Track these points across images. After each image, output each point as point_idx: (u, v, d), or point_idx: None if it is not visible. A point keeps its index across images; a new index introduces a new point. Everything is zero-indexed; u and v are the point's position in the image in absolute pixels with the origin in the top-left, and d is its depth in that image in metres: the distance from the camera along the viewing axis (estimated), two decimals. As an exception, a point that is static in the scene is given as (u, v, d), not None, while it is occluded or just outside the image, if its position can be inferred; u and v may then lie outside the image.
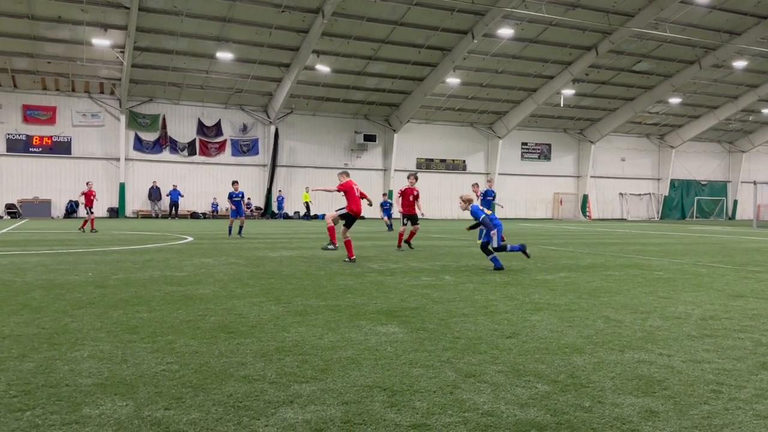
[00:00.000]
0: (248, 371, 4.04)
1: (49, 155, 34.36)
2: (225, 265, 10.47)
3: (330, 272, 9.61)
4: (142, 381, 3.80)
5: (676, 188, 51.19)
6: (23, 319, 5.63)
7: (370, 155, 41.92)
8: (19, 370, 4.00)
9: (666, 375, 4.09)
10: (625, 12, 31.76)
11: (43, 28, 28.88)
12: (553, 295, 7.45)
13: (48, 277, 8.54)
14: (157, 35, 30.23)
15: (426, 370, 4.14)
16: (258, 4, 28.72)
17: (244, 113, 38.50)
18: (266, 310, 6.27)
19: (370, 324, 5.62)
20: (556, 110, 42.88)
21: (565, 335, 5.25)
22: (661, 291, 7.97)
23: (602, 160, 48.48)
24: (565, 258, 12.65)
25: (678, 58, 37.56)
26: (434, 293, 7.54)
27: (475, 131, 44.72)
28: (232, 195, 18.98)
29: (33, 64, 31.82)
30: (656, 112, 45.62)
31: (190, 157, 37.34)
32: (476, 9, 30.14)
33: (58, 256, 11.64)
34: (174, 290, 7.52)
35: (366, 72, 35.69)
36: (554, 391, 3.71)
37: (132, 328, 5.33)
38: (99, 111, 35.16)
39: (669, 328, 5.64)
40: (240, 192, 19.20)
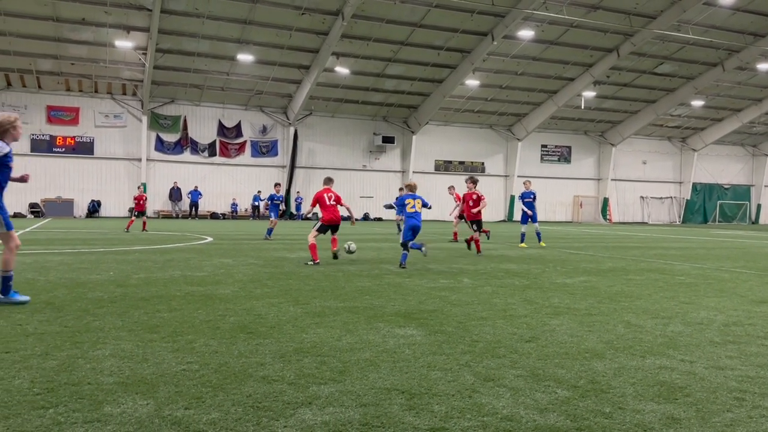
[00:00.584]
0: (267, 372, 4.06)
1: (72, 155, 34.87)
2: (244, 265, 10.53)
3: (348, 274, 9.62)
4: (162, 380, 3.84)
5: (698, 192, 50.50)
6: (46, 318, 5.72)
7: (389, 157, 41.94)
8: (43, 368, 4.06)
9: (688, 381, 4.04)
10: (647, 14, 31.44)
11: (68, 30, 29.34)
12: (573, 300, 7.39)
13: (70, 276, 8.67)
14: (178, 37, 30.56)
15: (444, 373, 4.12)
16: (279, 6, 28.90)
17: (263, 115, 38.74)
18: (285, 310, 6.30)
19: (388, 326, 5.62)
20: (577, 112, 42.56)
21: (585, 340, 5.21)
22: (683, 296, 7.87)
23: (623, 163, 48.00)
24: (585, 262, 12.54)
25: (701, 61, 37.08)
26: (452, 296, 7.51)
27: (494, 133, 44.53)
28: (274, 197, 19.00)
29: (57, 66, 32.33)
30: (678, 114, 45.07)
31: (210, 158, 37.68)
32: (496, 11, 30.03)
33: (80, 255, 11.80)
34: (194, 290, 7.58)
35: (385, 74, 35.73)
36: (574, 397, 3.68)
37: (153, 327, 5.39)
38: (121, 112, 35.62)
39: (691, 333, 5.56)
40: (281, 195, 19.33)
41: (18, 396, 3.50)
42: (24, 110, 33.84)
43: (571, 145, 47.00)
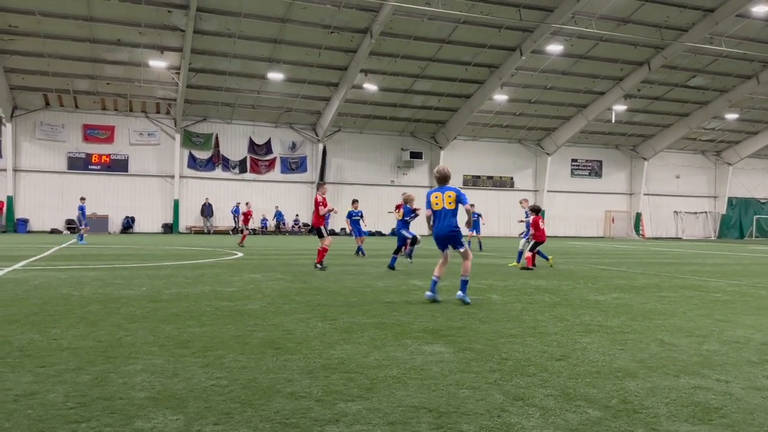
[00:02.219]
0: (295, 388, 4.08)
1: (107, 173, 35.69)
2: (273, 280, 10.61)
3: (375, 289, 9.62)
4: (192, 395, 3.88)
5: (733, 206, 49.36)
6: (80, 333, 5.83)
7: (417, 172, 41.98)
8: (76, 382, 4.13)
9: (724, 402, 3.93)
10: (679, 26, 31.07)
11: (103, 51, 30.18)
12: (605, 317, 7.26)
13: (104, 291, 8.83)
14: (210, 57, 31.19)
15: (473, 391, 4.08)
16: (308, 25, 29.32)
17: (293, 131, 39.19)
18: (312, 326, 6.32)
19: (416, 343, 5.59)
20: (608, 126, 42.10)
21: (618, 359, 5.11)
22: (719, 314, 7.67)
23: (656, 177, 47.23)
24: (618, 278, 12.33)
25: (734, 73, 36.43)
26: (480, 312, 7.45)
27: (523, 148, 44.27)
28: (352, 214, 18.58)
29: (93, 86, 33.23)
30: (712, 128, 44.26)
31: (241, 175, 38.20)
32: (525, 26, 30.01)
33: (113, 271, 12.03)
34: (224, 305, 7.66)
35: (413, 90, 35.89)
36: (606, 417, 3.61)
37: (183, 342, 5.45)
38: (155, 130, 36.39)
39: (727, 352, 5.42)
40: (359, 211, 18.57)
41: (52, 410, 3.57)
42: (61, 129, 34.85)
43: (602, 160, 46.45)
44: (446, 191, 8.08)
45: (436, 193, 8.12)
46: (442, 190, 8.11)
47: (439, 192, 8.10)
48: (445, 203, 8.00)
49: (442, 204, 7.98)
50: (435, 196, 8.09)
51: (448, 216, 8.00)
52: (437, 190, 8.14)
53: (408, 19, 29.20)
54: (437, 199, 8.04)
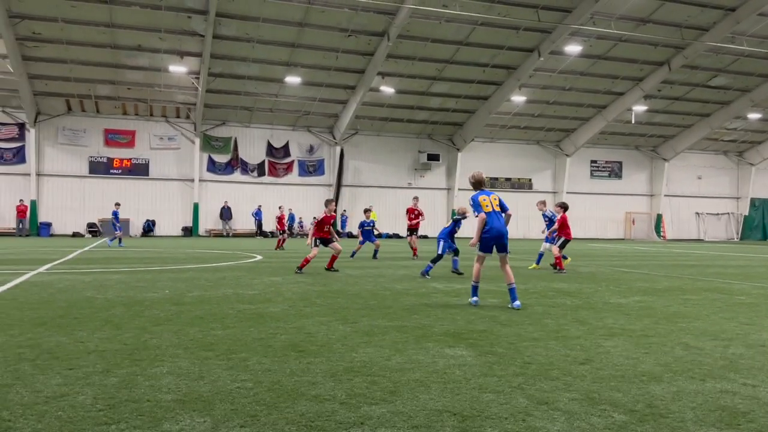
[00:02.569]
0: (319, 391, 4.10)
1: (128, 176, 36.12)
2: (293, 283, 10.67)
3: (395, 292, 9.63)
4: (218, 398, 3.92)
5: (756, 207, 48.60)
6: (106, 335, 5.92)
7: (434, 174, 41.93)
8: (104, 385, 4.20)
9: (751, 406, 3.89)
10: (699, 26, 30.72)
11: (124, 57, 30.58)
12: (628, 320, 7.21)
13: (128, 294, 8.95)
14: (229, 61, 31.46)
15: (497, 395, 4.08)
16: (325, 29, 29.46)
17: (310, 135, 39.36)
18: (334, 329, 6.34)
19: (438, 346, 5.60)
20: (627, 127, 41.71)
21: (642, 362, 5.07)
22: (743, 317, 7.57)
23: (677, 178, 46.69)
24: (640, 281, 12.21)
25: (757, 72, 35.91)
26: (502, 316, 7.43)
27: (542, 149, 44.02)
28: (364, 224, 19.08)
29: (114, 91, 33.67)
30: (734, 128, 43.65)
31: (259, 178, 38.45)
32: (543, 27, 29.86)
33: (136, 274, 12.18)
34: (246, 308, 7.72)
35: (430, 92, 35.87)
36: (632, 421, 3.59)
37: (208, 345, 5.51)
38: (175, 134, 36.78)
39: (753, 356, 5.35)
40: (371, 221, 19.08)
41: (82, 412, 3.63)
42: (83, 134, 35.35)
43: (622, 161, 46.03)
44: (490, 195, 8.30)
45: (483, 196, 8.21)
46: (486, 193, 8.26)
47: (485, 195, 8.22)
48: (494, 206, 8.17)
49: (492, 207, 8.13)
50: (483, 199, 8.17)
51: (500, 217, 8.20)
52: (483, 194, 8.23)
53: (425, 22, 29.20)
54: (486, 202, 8.15)
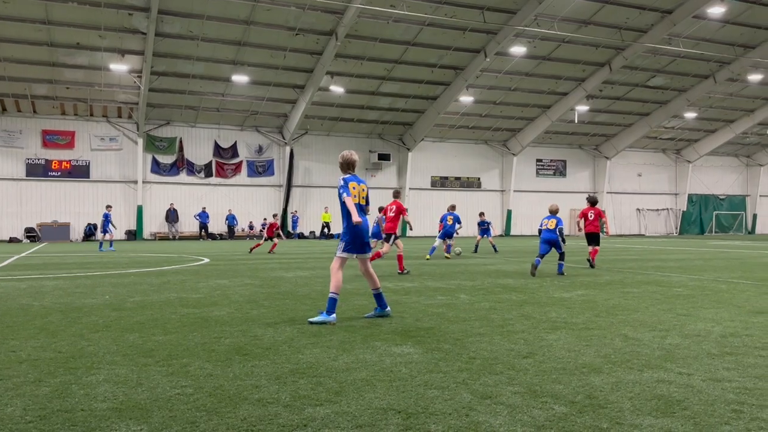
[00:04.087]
0: (262, 394, 4.03)
1: (68, 179, 34.85)
2: (240, 286, 10.50)
3: (345, 292, 9.59)
4: (156, 405, 3.80)
5: (694, 203, 50.66)
6: (40, 344, 5.68)
7: (385, 174, 42.03)
8: (36, 395, 4.02)
9: (686, 395, 4.02)
10: (638, 28, 31.75)
11: (62, 55, 29.49)
12: (571, 314, 7.37)
13: (65, 301, 8.62)
14: (173, 60, 30.73)
15: (441, 391, 4.09)
16: (273, 27, 29.12)
17: (259, 135, 38.86)
18: (281, 331, 6.26)
19: (385, 344, 5.59)
20: (571, 126, 42.77)
21: (583, 354, 5.18)
22: (681, 308, 7.85)
23: (618, 176, 48.17)
24: (583, 275, 12.53)
25: (692, 73, 37.39)
26: (449, 312, 7.49)
27: (490, 148, 44.70)
28: None
29: (52, 90, 32.44)
30: (672, 126, 45.34)
31: (206, 179, 37.70)
32: (488, 28, 30.30)
33: (76, 280, 11.75)
34: (190, 312, 7.54)
35: (380, 92, 35.93)
36: (572, 413, 3.66)
37: (148, 351, 5.35)
38: (117, 135, 35.69)
39: (689, 346, 5.55)
40: None
41: (10, 424, 3.46)
42: (19, 135, 33.92)
43: (566, 159, 47.18)
44: (361, 183, 7.35)
45: (354, 183, 7.21)
46: (357, 180, 7.24)
47: (356, 182, 7.20)
48: (360, 198, 7.24)
49: (359, 198, 7.20)
50: (354, 187, 7.19)
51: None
52: (354, 179, 7.20)
53: (373, 22, 29.23)
54: (356, 191, 7.18)
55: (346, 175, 7.19)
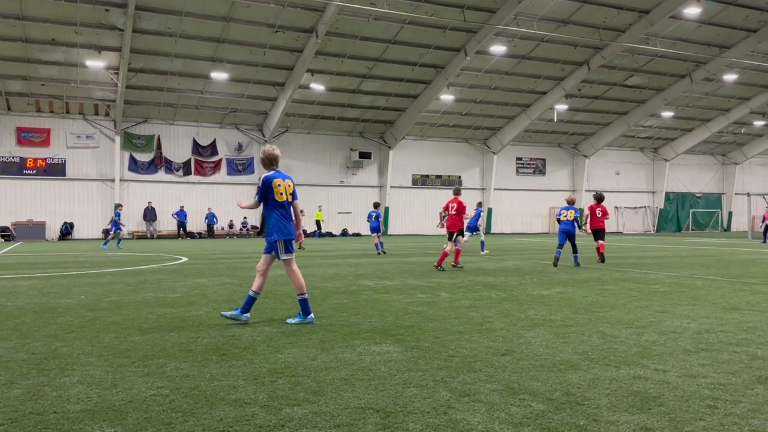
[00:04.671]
0: (239, 395, 3.99)
1: (44, 177, 34.29)
2: (219, 285, 10.41)
3: (325, 291, 9.56)
4: (131, 406, 3.75)
5: (671, 201, 51.35)
6: (12, 345, 5.57)
7: (366, 172, 41.98)
8: (7, 398, 3.94)
9: (661, 391, 4.06)
10: (616, 27, 32.08)
11: (37, 51, 28.99)
12: (549, 311, 7.42)
13: (40, 301, 8.47)
14: (151, 56, 30.36)
15: (420, 390, 4.09)
16: (252, 24, 28.91)
17: (239, 132, 38.57)
18: (259, 331, 6.22)
19: (365, 343, 5.57)
20: (550, 125, 43.09)
21: (561, 352, 5.22)
22: (657, 305, 7.95)
23: (597, 174, 48.64)
24: (561, 272, 12.63)
25: (669, 72, 37.87)
26: (429, 311, 7.49)
27: (470, 147, 44.87)
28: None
29: (27, 87, 31.88)
30: (649, 125, 45.90)
31: (185, 177, 37.33)
32: (468, 27, 30.39)
33: (51, 279, 11.56)
34: (167, 312, 7.46)
35: (360, 90, 35.87)
36: (549, 410, 3.67)
37: (123, 351, 5.28)
38: (93, 132, 35.18)
39: (665, 342, 5.61)
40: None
41: (-21, 428, 3.39)
42: (-7, 132, 33.28)
43: (546, 158, 47.53)
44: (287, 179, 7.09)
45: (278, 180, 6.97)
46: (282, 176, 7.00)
47: (280, 179, 6.94)
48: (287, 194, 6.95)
49: (286, 195, 6.92)
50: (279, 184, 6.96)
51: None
52: (278, 176, 6.99)
53: (354, 19, 29.15)
54: (282, 188, 6.93)
55: (268, 173, 6.92)
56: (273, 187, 6.78)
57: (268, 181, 6.79)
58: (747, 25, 33.20)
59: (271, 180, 6.80)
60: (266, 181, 6.80)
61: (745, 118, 45.81)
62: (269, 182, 6.78)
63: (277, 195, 6.80)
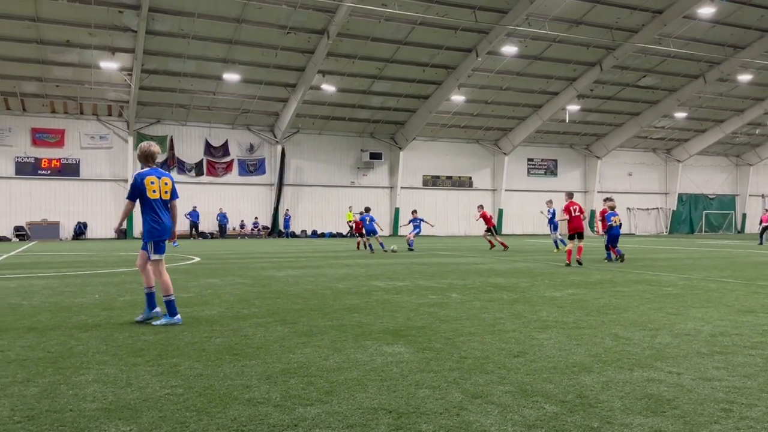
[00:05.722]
0: (253, 394, 4.01)
1: (58, 177, 34.62)
2: (231, 285, 10.46)
3: (336, 291, 9.58)
4: (146, 405, 3.78)
5: (684, 202, 50.96)
6: (29, 343, 5.63)
7: (377, 173, 42.02)
8: (24, 395, 3.98)
9: (675, 394, 4.03)
10: (629, 28, 31.89)
11: (52, 52, 29.27)
12: (561, 313, 7.39)
13: (55, 300, 8.56)
14: (164, 58, 30.57)
15: (432, 391, 4.09)
16: (264, 25, 29.03)
17: (250, 133, 38.74)
18: (272, 331, 6.24)
19: (376, 344, 5.58)
20: (562, 126, 42.90)
21: (573, 354, 5.20)
22: (670, 307, 7.89)
23: (609, 175, 48.36)
24: (574, 274, 12.57)
25: (682, 73, 37.59)
26: (441, 312, 7.49)
27: (481, 148, 44.78)
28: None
29: (42, 88, 32.20)
30: (662, 126, 45.58)
31: (197, 178, 37.55)
32: (480, 27, 30.34)
33: (65, 279, 11.67)
34: (180, 311, 7.49)
35: (371, 91, 35.91)
36: (562, 412, 3.66)
37: (137, 350, 5.32)
38: (107, 133, 35.48)
39: (678, 345, 5.57)
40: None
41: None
42: (8, 133, 33.65)
43: (557, 159, 47.33)
44: (163, 176, 7.07)
45: (152, 177, 6.94)
46: (157, 173, 7.02)
47: (155, 176, 6.92)
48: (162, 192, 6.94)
49: (160, 193, 6.92)
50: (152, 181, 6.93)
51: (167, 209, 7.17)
52: (152, 173, 6.94)
53: (365, 20, 29.19)
54: (155, 185, 6.89)
55: (143, 170, 6.83)
56: (145, 184, 6.70)
57: (140, 178, 6.71)
58: (762, 24, 32.89)
59: (143, 177, 6.73)
60: (138, 179, 6.70)
61: (760, 119, 45.38)
62: (141, 179, 6.70)
63: (149, 192, 6.72)
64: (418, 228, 24.39)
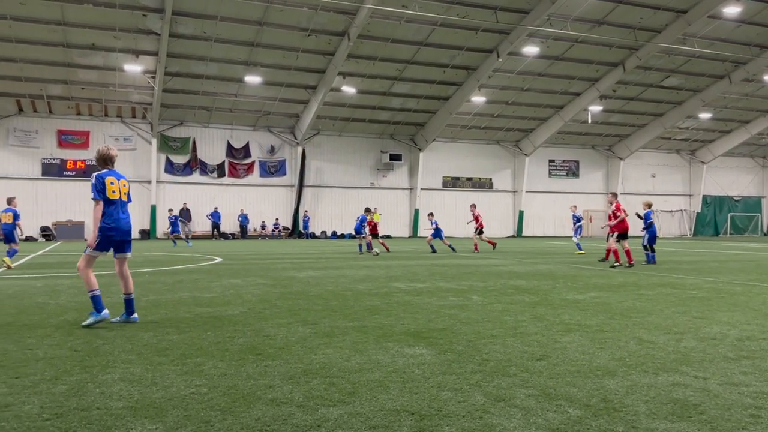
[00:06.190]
0: (276, 394, 4.04)
1: (83, 178, 35.15)
2: (253, 285, 10.53)
3: (357, 292, 9.60)
4: (171, 404, 3.83)
5: (708, 204, 50.20)
6: (56, 342, 5.73)
7: (396, 174, 42.04)
8: (52, 393, 4.06)
9: (702, 399, 3.98)
10: (652, 28, 31.53)
11: (77, 56, 29.78)
12: (584, 316, 7.32)
13: (81, 300, 8.69)
14: (187, 60, 30.93)
15: (454, 393, 4.08)
16: (285, 28, 29.23)
17: (271, 135, 39.01)
18: (294, 331, 6.28)
19: (398, 345, 5.58)
20: (584, 127, 42.55)
21: (597, 357, 5.15)
22: (696, 311, 7.78)
23: (632, 177, 47.84)
24: (596, 277, 12.45)
25: (707, 73, 37.06)
26: (462, 314, 7.47)
27: (502, 149, 44.57)
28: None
29: (67, 91, 32.76)
30: (686, 127, 44.97)
31: (219, 179, 37.93)
32: (501, 28, 30.22)
33: (90, 278, 11.82)
34: (203, 311, 7.58)
35: (391, 92, 35.94)
36: (586, 416, 3.63)
37: (162, 350, 5.38)
38: (131, 135, 35.98)
39: (704, 349, 5.49)
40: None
41: (27, 422, 3.50)
42: (35, 135, 34.30)
43: (579, 160, 46.94)
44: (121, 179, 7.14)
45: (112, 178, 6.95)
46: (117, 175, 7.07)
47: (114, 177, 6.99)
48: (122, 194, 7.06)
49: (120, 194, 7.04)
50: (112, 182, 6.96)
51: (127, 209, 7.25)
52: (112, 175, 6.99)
53: (385, 22, 29.24)
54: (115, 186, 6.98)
55: (101, 171, 6.91)
56: (105, 183, 6.80)
57: (102, 177, 6.82)
58: (789, 24, 32.32)
59: (104, 177, 6.84)
60: (99, 178, 6.81)
61: (787, 120, 44.58)
62: (102, 179, 6.81)
63: (109, 192, 6.82)
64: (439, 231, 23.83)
